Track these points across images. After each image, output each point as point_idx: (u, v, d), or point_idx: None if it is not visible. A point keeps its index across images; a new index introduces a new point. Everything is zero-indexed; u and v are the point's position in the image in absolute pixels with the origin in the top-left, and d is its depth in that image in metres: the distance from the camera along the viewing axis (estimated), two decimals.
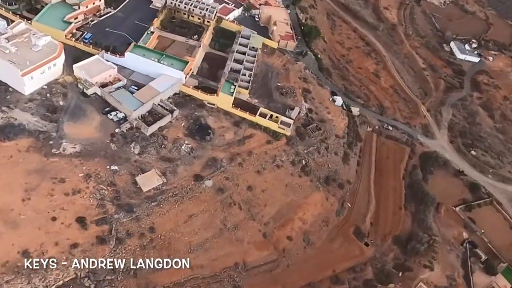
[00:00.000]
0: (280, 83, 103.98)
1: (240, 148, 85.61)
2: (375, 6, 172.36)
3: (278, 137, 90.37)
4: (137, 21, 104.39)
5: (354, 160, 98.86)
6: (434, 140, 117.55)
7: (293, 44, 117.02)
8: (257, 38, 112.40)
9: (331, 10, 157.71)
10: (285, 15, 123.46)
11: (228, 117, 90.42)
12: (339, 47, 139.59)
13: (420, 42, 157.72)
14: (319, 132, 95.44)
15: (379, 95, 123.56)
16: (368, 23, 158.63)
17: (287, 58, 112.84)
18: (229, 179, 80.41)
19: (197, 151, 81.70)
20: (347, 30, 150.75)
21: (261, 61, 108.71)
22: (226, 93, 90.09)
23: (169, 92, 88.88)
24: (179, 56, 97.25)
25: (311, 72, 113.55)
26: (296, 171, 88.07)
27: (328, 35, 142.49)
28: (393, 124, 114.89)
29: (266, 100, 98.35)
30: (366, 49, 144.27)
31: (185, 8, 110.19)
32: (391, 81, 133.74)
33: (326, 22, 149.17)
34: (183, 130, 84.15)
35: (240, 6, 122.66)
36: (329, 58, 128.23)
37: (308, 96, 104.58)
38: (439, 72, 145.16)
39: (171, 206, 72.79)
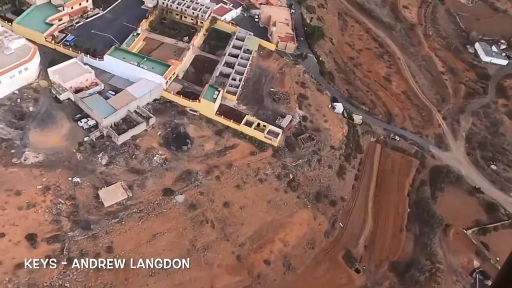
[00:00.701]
0: (273, 88, 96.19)
1: (219, 159, 78.61)
2: (394, 5, 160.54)
3: (263, 148, 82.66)
4: (126, 22, 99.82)
5: (351, 174, 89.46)
6: (449, 152, 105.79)
7: (292, 46, 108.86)
8: (253, 39, 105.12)
9: (343, 9, 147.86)
10: (287, 15, 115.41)
11: (210, 125, 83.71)
12: (348, 49, 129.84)
13: (440, 43, 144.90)
14: (311, 142, 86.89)
15: (388, 102, 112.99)
16: (384, 23, 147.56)
17: (285, 61, 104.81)
18: (204, 194, 73.60)
19: (171, 163, 75.41)
20: (360, 30, 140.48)
21: (255, 64, 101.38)
22: (208, 99, 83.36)
23: (148, 98, 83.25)
24: (165, 59, 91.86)
25: (311, 76, 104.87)
26: (282, 186, 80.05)
27: (338, 36, 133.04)
28: (401, 133, 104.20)
29: (256, 107, 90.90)
30: (378, 51, 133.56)
31: (177, 9, 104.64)
32: (403, 86, 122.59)
33: (337, 22, 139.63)
34: (158, 139, 78.16)
35: (239, 6, 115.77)
36: (334, 61, 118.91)
37: (304, 102, 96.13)
38: (460, 76, 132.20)
39: (134, 223, 66.78)
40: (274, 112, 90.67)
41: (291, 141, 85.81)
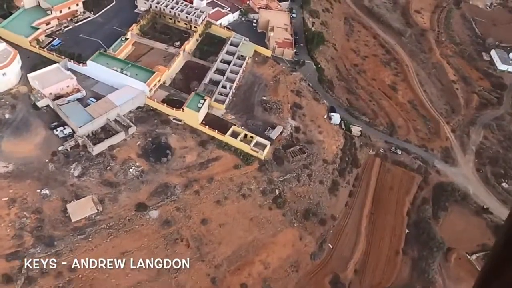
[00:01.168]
0: (265, 96, 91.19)
1: (200, 172, 74.06)
2: (405, 9, 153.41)
3: (249, 161, 77.68)
4: (116, 26, 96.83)
5: (345, 191, 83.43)
6: (456, 167, 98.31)
7: (290, 52, 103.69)
8: (248, 45, 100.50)
9: (350, 14, 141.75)
10: (286, 19, 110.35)
11: (195, 135, 79.32)
12: (352, 56, 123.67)
13: (453, 50, 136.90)
14: (302, 156, 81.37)
15: (392, 112, 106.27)
16: (393, 28, 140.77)
17: (280, 68, 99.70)
18: (180, 210, 69.14)
19: (148, 175, 71.31)
20: (366, 36, 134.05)
21: (248, 71, 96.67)
22: (192, 108, 79.02)
23: (130, 105, 79.58)
24: (154, 64, 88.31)
25: (308, 84, 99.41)
26: (267, 202, 74.83)
27: (342, 42, 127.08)
28: (404, 146, 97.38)
29: (245, 117, 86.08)
30: (385, 58, 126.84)
31: (171, 13, 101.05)
32: (410, 95, 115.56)
33: (342, 27, 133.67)
34: (137, 150, 74.24)
35: (236, 10, 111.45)
36: (336, 68, 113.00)
37: (298, 112, 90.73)
38: (473, 86, 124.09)
39: (101, 240, 62.83)
40: (264, 122, 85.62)
41: (279, 154, 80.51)
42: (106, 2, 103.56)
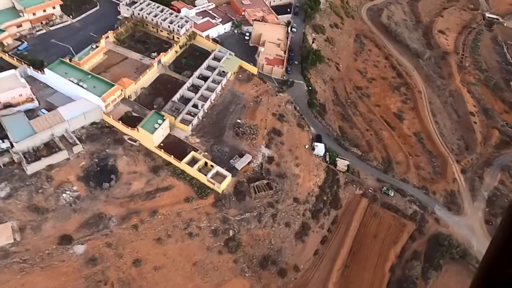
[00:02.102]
0: (241, 119, 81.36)
1: (145, 203, 65.11)
2: (428, 29, 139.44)
3: (204, 194, 67.97)
4: (93, 33, 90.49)
5: (317, 236, 71.80)
6: (460, 216, 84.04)
7: (279, 71, 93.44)
8: (233, 60, 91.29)
9: (363, 30, 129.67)
10: (281, 34, 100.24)
11: (148, 159, 70.65)
12: (357, 77, 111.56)
13: (477, 77, 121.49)
14: (268, 192, 70.68)
15: (391, 145, 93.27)
16: (410, 49, 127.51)
17: (266, 88, 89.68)
18: (112, 246, 60.33)
19: (83, 202, 63.18)
20: (377, 56, 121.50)
21: (228, 89, 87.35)
22: (147, 129, 70.42)
23: (82, 120, 72.12)
24: (122, 76, 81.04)
25: (295, 107, 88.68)
26: (217, 244, 64.67)
27: (348, 61, 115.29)
28: (399, 187, 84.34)
29: (212, 141, 76.60)
30: (395, 82, 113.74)
31: (153, 21, 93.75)
32: (417, 126, 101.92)
33: (351, 45, 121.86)
34: (78, 172, 66.41)
35: (228, 22, 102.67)
36: (334, 90, 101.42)
37: (275, 139, 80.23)
38: (495, 119, 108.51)
39: (11, 276, 54.96)
40: (232, 149, 75.73)
41: (242, 188, 70.23)
42: (88, 7, 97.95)
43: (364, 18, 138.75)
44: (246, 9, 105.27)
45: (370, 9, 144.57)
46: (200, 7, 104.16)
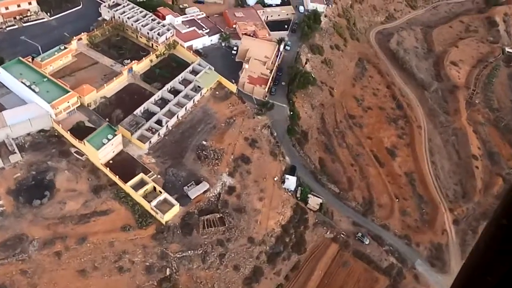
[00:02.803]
0: (207, 141, 73.96)
1: (75, 227, 58.06)
2: (439, 59, 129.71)
3: (145, 223, 60.54)
4: (68, 33, 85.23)
5: (270, 284, 63.14)
6: (445, 275, 73.88)
7: (261, 91, 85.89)
8: (211, 75, 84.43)
9: (367, 55, 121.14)
10: (269, 51, 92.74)
11: (92, 177, 63.82)
12: (352, 104, 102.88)
13: (486, 116, 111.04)
14: (219, 228, 62.67)
15: (376, 184, 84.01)
16: (416, 79, 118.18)
17: (242, 109, 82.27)
18: (27, 274, 53.34)
19: (6, 220, 56.62)
20: (379, 83, 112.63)
21: (201, 106, 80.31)
22: (94, 143, 63.64)
23: (28, 127, 66.07)
24: (86, 82, 75.16)
25: (272, 133, 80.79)
26: (149, 284, 56.92)
27: (345, 86, 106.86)
28: (378, 234, 75.04)
29: (169, 163, 69.32)
30: (393, 113, 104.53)
31: (133, 26, 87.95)
32: (410, 165, 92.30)
33: (352, 69, 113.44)
34: (10, 184, 60.06)
35: (216, 33, 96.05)
36: (322, 117, 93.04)
37: (241, 167, 72.40)
38: (500, 166, 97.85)
39: None
40: (190, 174, 68.25)
41: (190, 221, 62.49)
42: (70, 6, 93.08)
43: (372, 42, 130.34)
44: (237, 22, 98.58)
45: (379, 33, 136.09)
46: (188, 16, 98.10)
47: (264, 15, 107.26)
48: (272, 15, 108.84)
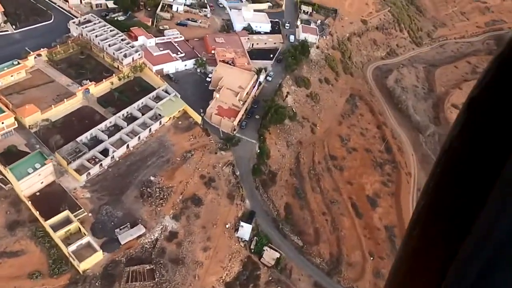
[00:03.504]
0: (155, 177, 66.02)
1: None
2: (440, 101, 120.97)
3: (58, 271, 52.17)
4: (30, 48, 79.99)
5: None
6: None
7: (229, 124, 78.24)
8: (176, 103, 77.55)
9: (361, 91, 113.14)
10: (245, 81, 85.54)
11: (12, 210, 56.38)
12: (335, 144, 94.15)
13: None
14: (145, 282, 53.75)
15: (349, 238, 74.16)
16: (411, 121, 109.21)
17: (206, 142, 74.58)
18: None
19: None
20: (368, 123, 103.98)
21: (158, 136, 72.94)
22: (17, 172, 56.41)
23: None
24: (38, 101, 69.02)
25: (234, 172, 72.48)
26: None
27: (331, 124, 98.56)
28: None
29: (106, 199, 61.43)
30: (381, 157, 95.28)
31: (100, 45, 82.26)
32: (393, 218, 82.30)
33: (340, 106, 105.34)
34: None
35: (192, 58, 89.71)
36: (297, 156, 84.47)
37: (190, 210, 63.98)
38: None
39: None
40: (127, 214, 60.09)
41: (114, 271, 53.87)
42: (40, 19, 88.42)
43: (368, 77, 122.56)
44: (216, 48, 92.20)
45: (378, 69, 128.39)
46: (165, 38, 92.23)
47: (249, 43, 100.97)
48: (258, 42, 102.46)
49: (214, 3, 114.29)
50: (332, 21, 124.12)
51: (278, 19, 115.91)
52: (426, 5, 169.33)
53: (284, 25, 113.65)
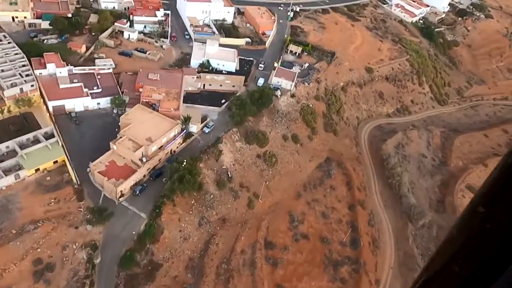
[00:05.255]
0: None
1: None
2: (451, 179, 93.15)
3: None
4: None
5: None
6: None
7: (110, 187, 58.54)
8: (52, 152, 59.97)
9: (342, 156, 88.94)
10: (162, 131, 65.72)
11: None
12: (280, 226, 70.64)
13: None
14: None
15: None
16: (402, 202, 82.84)
17: (70, 210, 55.52)
18: None
19: None
20: (339, 200, 79.49)
21: (6, 195, 55.03)
22: None
23: None
24: None
25: (92, 259, 51.97)
26: None
27: (283, 196, 75.67)
28: None
29: None
30: (339, 252, 69.76)
31: None
32: None
33: (308, 172, 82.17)
34: None
35: (109, 95, 72.46)
36: (210, 241, 62.06)
37: None
38: None
39: None
40: None
41: None
42: None
43: (361, 138, 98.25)
44: (144, 85, 74.39)
45: (378, 128, 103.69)
46: (86, 69, 76.05)
47: (199, 83, 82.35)
48: (211, 83, 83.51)
49: (180, 33, 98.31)
50: (326, 65, 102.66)
51: (255, 58, 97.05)
52: (462, 57, 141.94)
53: (257, 66, 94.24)
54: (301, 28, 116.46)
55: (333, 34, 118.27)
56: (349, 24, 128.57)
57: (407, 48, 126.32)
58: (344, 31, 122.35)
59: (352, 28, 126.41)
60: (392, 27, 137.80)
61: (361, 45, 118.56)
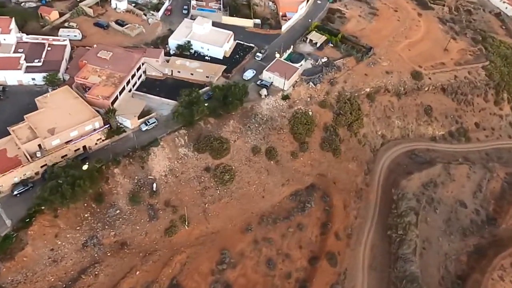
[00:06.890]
0: None
1: None
2: (495, 244, 64.53)
3: None
4: None
5: None
6: None
7: None
8: None
9: (337, 186, 67.46)
10: (73, 123, 53.76)
11: None
12: (202, 266, 54.58)
13: None
14: None
15: None
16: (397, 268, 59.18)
17: None
18: None
19: None
20: (300, 246, 59.59)
21: None
22: None
23: None
24: None
25: None
26: None
27: (226, 225, 59.14)
28: None
29: None
30: None
31: None
32: None
33: (274, 200, 63.51)
34: None
35: (51, 70, 62.63)
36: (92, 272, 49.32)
37: None
38: None
39: None
40: None
41: None
42: None
43: (379, 166, 74.19)
44: (87, 64, 62.91)
45: (411, 155, 77.83)
46: (40, 38, 67.29)
47: (166, 68, 68.09)
48: (179, 70, 68.46)
49: (179, 7, 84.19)
50: (353, 63, 79.41)
51: (260, 45, 78.62)
52: None
53: (255, 55, 75.95)
54: (342, 13, 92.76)
55: (384, 23, 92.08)
56: (415, 12, 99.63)
57: (491, 51, 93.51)
58: (402, 21, 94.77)
59: (417, 18, 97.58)
60: (479, 22, 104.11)
61: (420, 41, 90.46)
